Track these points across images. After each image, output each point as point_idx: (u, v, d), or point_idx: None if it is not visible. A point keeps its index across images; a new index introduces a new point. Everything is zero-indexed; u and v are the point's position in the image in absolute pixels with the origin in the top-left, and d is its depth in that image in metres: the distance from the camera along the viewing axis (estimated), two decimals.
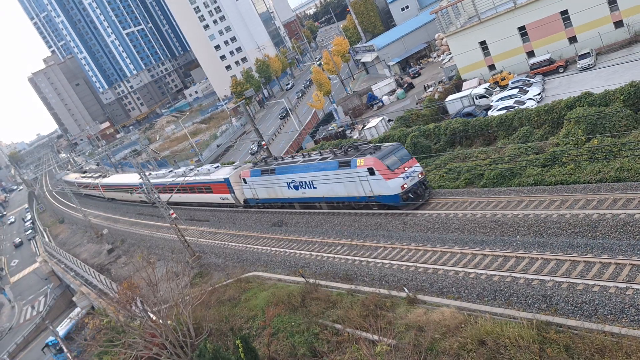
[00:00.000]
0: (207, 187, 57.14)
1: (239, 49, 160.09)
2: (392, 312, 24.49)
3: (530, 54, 53.81)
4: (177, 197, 60.48)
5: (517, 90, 47.68)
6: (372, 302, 25.64)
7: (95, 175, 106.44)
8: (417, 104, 63.00)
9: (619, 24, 47.71)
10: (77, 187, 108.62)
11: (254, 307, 31.55)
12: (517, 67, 54.73)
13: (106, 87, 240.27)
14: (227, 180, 52.36)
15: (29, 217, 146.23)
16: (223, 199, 55.30)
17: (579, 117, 33.37)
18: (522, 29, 52.65)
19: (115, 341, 30.81)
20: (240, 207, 53.64)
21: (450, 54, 64.54)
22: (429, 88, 66.73)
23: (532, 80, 49.95)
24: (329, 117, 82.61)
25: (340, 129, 68.52)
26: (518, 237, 26.94)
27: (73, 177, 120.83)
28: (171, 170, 71.49)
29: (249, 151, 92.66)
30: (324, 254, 35.23)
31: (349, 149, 38.15)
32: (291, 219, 45.13)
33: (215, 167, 58.49)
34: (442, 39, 75.74)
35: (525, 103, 44.57)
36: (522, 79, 50.76)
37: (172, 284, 32.90)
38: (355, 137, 61.23)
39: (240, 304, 33.28)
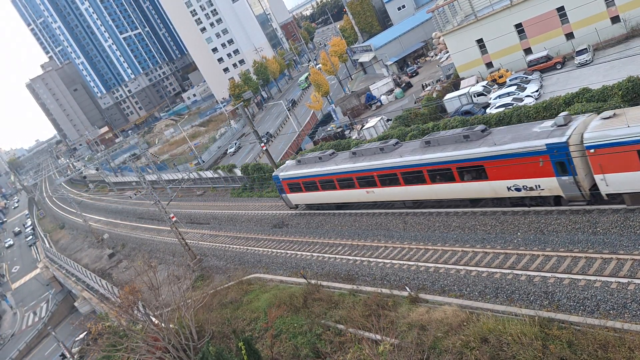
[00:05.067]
0: None
1: (236, 51, 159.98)
2: (394, 311, 24.49)
3: (528, 51, 53.78)
4: None
5: (515, 87, 47.65)
6: (374, 301, 25.66)
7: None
8: (415, 103, 62.97)
9: (615, 19, 47.72)
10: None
11: (256, 309, 31.54)
12: (515, 64, 54.70)
13: (104, 91, 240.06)
14: None
15: (29, 223, 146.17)
16: None
17: (577, 113, 33.36)
18: (518, 26, 52.65)
19: (118, 345, 30.83)
20: None
21: (448, 52, 64.52)
22: (427, 87, 66.70)
23: (529, 77, 49.94)
24: (327, 118, 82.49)
25: (339, 130, 68.46)
26: (519, 234, 26.97)
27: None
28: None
29: (229, 154, 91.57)
30: (325, 255, 35.23)
31: None
32: (292, 220, 45.13)
33: None
34: (439, 37, 75.70)
35: (523, 100, 44.54)
36: (519, 76, 50.74)
37: (173, 287, 32.98)
38: (354, 137, 61.16)
39: (242, 306, 33.28)
